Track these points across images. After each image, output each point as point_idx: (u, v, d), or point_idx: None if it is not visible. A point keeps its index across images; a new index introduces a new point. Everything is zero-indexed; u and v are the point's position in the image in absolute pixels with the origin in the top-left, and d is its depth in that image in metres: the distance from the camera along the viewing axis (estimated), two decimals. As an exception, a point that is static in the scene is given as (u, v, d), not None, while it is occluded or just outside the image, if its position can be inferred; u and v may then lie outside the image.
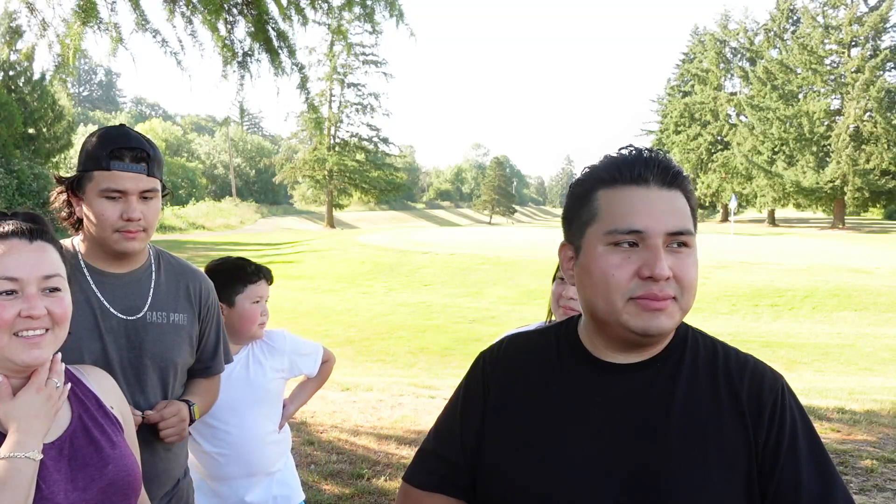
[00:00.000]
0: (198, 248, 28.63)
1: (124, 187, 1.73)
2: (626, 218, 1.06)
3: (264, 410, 2.40)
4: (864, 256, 20.93)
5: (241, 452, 2.35)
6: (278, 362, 2.44)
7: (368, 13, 5.34)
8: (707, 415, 1.08)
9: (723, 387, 1.10)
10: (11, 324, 1.24)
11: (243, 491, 2.38)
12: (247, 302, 2.35)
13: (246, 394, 2.35)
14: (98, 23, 4.44)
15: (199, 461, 2.42)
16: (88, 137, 1.81)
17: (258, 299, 2.36)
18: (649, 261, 1.04)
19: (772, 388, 1.10)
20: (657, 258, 1.03)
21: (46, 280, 1.29)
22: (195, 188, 59.03)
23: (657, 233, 1.04)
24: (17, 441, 1.20)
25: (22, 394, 1.25)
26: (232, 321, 2.34)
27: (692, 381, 1.10)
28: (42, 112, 32.80)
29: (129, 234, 1.76)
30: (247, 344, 2.42)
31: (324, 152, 51.78)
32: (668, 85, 63.00)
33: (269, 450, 2.42)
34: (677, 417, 1.07)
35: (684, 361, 1.12)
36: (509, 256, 21.27)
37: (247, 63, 5.20)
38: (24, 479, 1.18)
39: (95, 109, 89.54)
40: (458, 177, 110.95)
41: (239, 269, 2.38)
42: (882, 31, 42.94)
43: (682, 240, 1.07)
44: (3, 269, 1.24)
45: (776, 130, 43.91)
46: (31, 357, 1.27)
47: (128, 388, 1.80)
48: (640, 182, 1.07)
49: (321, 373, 2.62)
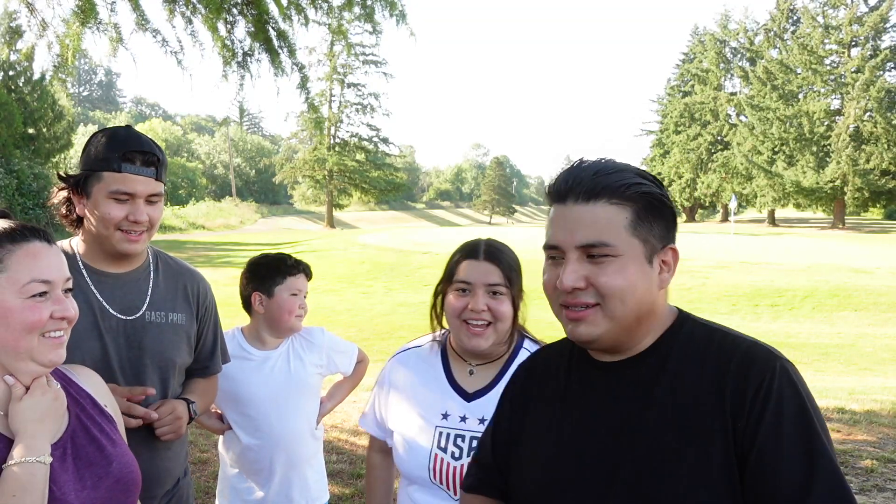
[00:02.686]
0: (198, 248, 28.63)
1: (134, 190, 1.74)
2: (548, 234, 1.18)
3: (303, 405, 2.45)
4: (864, 256, 20.92)
5: (280, 445, 2.39)
6: (317, 357, 2.50)
7: (368, 13, 5.34)
8: (688, 404, 1.10)
9: (709, 375, 1.11)
10: (45, 325, 1.26)
11: (279, 485, 2.40)
12: (285, 293, 2.40)
13: (286, 387, 2.40)
14: (97, 23, 4.44)
15: (236, 455, 2.45)
16: (95, 137, 1.81)
17: (297, 292, 2.42)
18: (560, 273, 1.14)
19: (761, 370, 1.08)
20: (563, 270, 1.13)
21: (67, 282, 1.32)
22: (195, 188, 59.05)
23: (568, 246, 1.13)
24: (27, 446, 1.21)
25: (27, 398, 1.25)
26: (270, 312, 2.40)
27: (678, 372, 1.14)
28: (42, 112, 32.76)
29: (133, 237, 1.77)
30: (287, 338, 2.47)
31: (324, 152, 51.78)
32: (668, 85, 62.99)
33: (306, 444, 2.46)
34: (657, 410, 1.12)
35: (671, 354, 1.16)
36: (509, 256, 21.23)
37: (247, 63, 5.20)
38: (39, 483, 1.19)
39: (95, 109, 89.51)
40: (458, 177, 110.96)
41: (279, 262, 2.45)
42: (882, 31, 42.94)
43: (594, 252, 1.12)
44: (39, 272, 1.25)
45: (776, 130, 43.89)
46: (57, 357, 1.29)
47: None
48: (559, 200, 1.16)
49: (356, 372, 2.69)
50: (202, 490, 4.02)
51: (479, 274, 1.65)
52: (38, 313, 1.24)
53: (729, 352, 1.12)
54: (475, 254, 1.68)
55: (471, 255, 1.68)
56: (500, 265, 1.67)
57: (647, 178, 1.15)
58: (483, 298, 1.64)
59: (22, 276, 1.23)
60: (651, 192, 1.13)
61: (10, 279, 1.21)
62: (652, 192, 1.13)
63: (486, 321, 1.65)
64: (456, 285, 1.67)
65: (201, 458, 4.61)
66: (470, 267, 1.66)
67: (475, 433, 1.68)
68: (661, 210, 1.14)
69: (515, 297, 1.69)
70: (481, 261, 1.66)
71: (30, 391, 1.26)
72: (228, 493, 2.50)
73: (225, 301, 2.50)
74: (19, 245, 1.24)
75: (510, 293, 1.67)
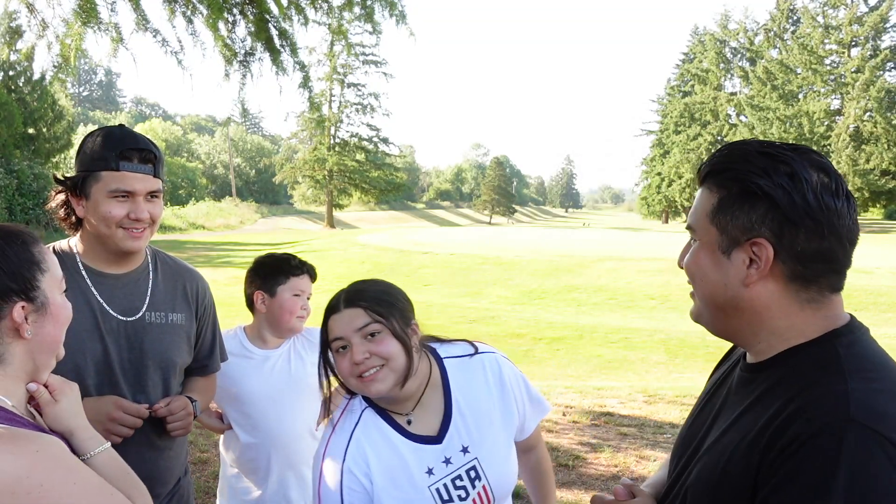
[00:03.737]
0: (198, 248, 28.64)
1: (133, 188, 1.74)
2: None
3: (302, 405, 2.43)
4: (864, 256, 20.86)
5: (278, 444, 2.38)
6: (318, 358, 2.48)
7: (368, 13, 5.34)
8: (746, 441, 1.02)
9: (769, 415, 1.01)
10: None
11: (276, 484, 2.40)
12: (287, 293, 2.39)
13: (287, 386, 2.40)
14: (98, 23, 4.44)
15: (235, 454, 2.45)
16: (89, 138, 1.80)
17: (299, 293, 2.41)
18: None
19: (809, 423, 0.93)
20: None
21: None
22: (195, 188, 59.03)
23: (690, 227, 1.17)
24: (91, 437, 1.28)
25: (63, 399, 1.30)
26: (272, 311, 2.39)
27: (771, 399, 1.04)
28: (42, 112, 32.77)
29: (135, 234, 1.77)
30: (288, 338, 2.47)
31: (324, 152, 51.80)
32: (668, 85, 63.02)
33: (304, 444, 2.44)
34: (734, 432, 1.07)
35: (783, 374, 1.07)
36: (509, 256, 21.28)
37: (248, 62, 5.20)
38: (121, 461, 1.28)
39: (95, 109, 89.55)
40: (458, 177, 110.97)
41: (283, 262, 2.44)
42: (882, 31, 42.96)
43: (691, 235, 1.13)
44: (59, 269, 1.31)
45: (776, 130, 43.90)
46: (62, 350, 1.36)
47: (129, 389, 1.81)
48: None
49: None
50: (202, 490, 4.03)
51: (344, 324, 1.54)
52: (69, 308, 1.30)
53: (798, 390, 0.97)
54: (335, 308, 1.57)
55: (333, 311, 1.57)
56: (362, 305, 1.54)
57: (774, 164, 1.00)
58: (361, 347, 1.52)
59: (57, 273, 1.28)
60: (745, 178, 1.01)
61: (53, 277, 1.26)
62: (746, 179, 1.01)
63: (377, 366, 1.52)
64: (334, 346, 1.56)
65: (201, 457, 4.61)
66: (335, 321, 1.56)
67: (467, 465, 1.60)
68: (754, 199, 1.00)
69: (398, 330, 1.54)
70: (342, 311, 1.55)
71: (57, 393, 1.30)
72: (227, 492, 2.50)
73: (225, 301, 2.50)
74: (41, 243, 1.29)
75: (388, 328, 1.53)
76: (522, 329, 11.97)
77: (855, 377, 0.93)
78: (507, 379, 1.68)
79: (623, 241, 29.31)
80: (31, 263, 1.21)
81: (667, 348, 10.27)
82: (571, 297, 16.13)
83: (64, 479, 1.06)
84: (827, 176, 0.99)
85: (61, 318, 1.26)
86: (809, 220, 0.97)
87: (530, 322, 12.78)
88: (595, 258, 20.60)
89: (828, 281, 1.01)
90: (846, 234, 0.99)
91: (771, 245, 0.99)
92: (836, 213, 0.97)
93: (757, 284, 1.02)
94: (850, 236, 0.99)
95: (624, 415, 5.81)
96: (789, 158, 0.99)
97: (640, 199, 70.11)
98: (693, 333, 11.13)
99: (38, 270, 1.22)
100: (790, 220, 0.97)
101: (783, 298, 1.02)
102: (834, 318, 1.02)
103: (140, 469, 1.34)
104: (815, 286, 1.01)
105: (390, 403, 1.61)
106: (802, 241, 0.98)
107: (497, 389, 1.66)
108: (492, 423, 1.64)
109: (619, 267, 19.00)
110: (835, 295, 1.03)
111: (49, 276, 1.24)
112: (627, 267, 18.92)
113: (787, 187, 0.97)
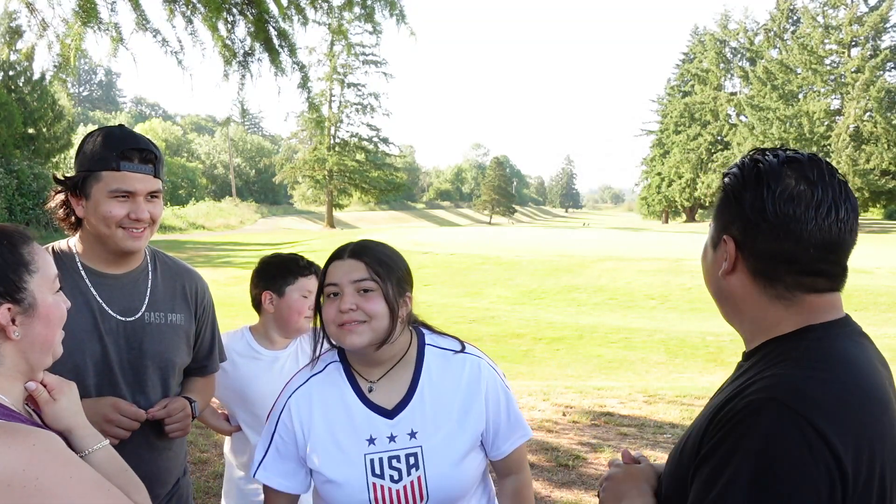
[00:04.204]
0: (198, 248, 28.64)
1: (134, 188, 1.74)
2: None
3: None
4: (864, 256, 20.89)
5: None
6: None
7: (368, 13, 5.34)
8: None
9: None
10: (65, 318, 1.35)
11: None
12: (296, 293, 2.38)
13: None
14: (98, 23, 4.43)
15: (245, 457, 2.43)
16: (88, 138, 1.80)
17: (307, 293, 2.38)
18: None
19: (742, 409, 1.03)
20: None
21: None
22: (195, 188, 59.04)
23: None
24: (90, 434, 1.28)
25: (62, 398, 1.30)
26: (280, 311, 2.38)
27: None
28: (42, 112, 32.77)
29: (135, 234, 1.77)
30: (295, 338, 2.46)
31: (324, 152, 51.80)
32: (668, 85, 63.04)
33: None
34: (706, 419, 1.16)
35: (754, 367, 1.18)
36: (509, 256, 21.29)
37: (247, 63, 5.19)
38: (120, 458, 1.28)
39: (95, 109, 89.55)
40: (458, 177, 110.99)
41: (291, 262, 2.43)
42: (882, 31, 42.97)
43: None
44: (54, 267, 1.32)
45: (776, 130, 43.92)
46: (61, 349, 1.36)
47: (128, 389, 1.81)
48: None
49: None
50: (202, 490, 4.03)
51: (343, 273, 1.58)
52: (62, 307, 1.30)
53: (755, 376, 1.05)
54: (340, 254, 1.62)
55: (336, 257, 1.63)
56: (365, 260, 1.58)
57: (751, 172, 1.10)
58: (351, 298, 1.55)
59: (49, 274, 1.28)
60: (730, 183, 1.14)
61: (43, 277, 1.26)
62: (730, 184, 1.14)
63: (359, 320, 1.55)
64: (326, 290, 1.60)
65: (201, 458, 4.61)
66: (335, 268, 1.60)
67: (409, 449, 1.59)
68: (732, 202, 1.13)
69: (390, 293, 1.57)
70: (345, 260, 1.60)
71: (56, 392, 1.31)
72: (235, 494, 2.48)
73: (225, 301, 2.50)
74: (34, 244, 1.30)
75: (381, 289, 1.56)
76: (522, 329, 11.96)
77: (802, 366, 1.02)
78: (483, 385, 1.64)
79: (623, 241, 29.31)
80: (18, 265, 1.22)
81: (667, 348, 10.26)
82: (571, 297, 16.13)
83: (60, 473, 1.07)
84: (810, 186, 1.06)
85: (52, 319, 1.26)
86: (765, 223, 1.06)
87: (530, 322, 12.77)
88: (595, 258, 20.61)
89: (794, 280, 1.08)
90: (810, 238, 1.05)
91: (735, 243, 1.12)
92: (795, 219, 1.04)
93: (731, 276, 1.14)
94: (815, 241, 1.05)
95: (624, 415, 5.81)
96: (768, 168, 1.09)
97: (640, 199, 70.13)
98: (693, 333, 11.13)
99: (25, 272, 1.22)
100: (751, 223, 1.08)
101: (753, 292, 1.12)
102: (811, 316, 1.09)
103: (138, 469, 1.34)
104: (780, 284, 1.09)
105: (360, 365, 1.64)
106: (760, 242, 1.08)
107: (467, 390, 1.63)
108: (450, 419, 1.61)
109: (619, 267, 19.01)
110: (811, 295, 1.09)
111: (39, 276, 1.24)
112: (627, 267, 18.93)
113: (753, 194, 1.08)
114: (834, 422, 0.93)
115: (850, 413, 0.96)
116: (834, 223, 1.05)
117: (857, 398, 0.98)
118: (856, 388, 0.99)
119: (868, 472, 0.94)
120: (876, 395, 1.01)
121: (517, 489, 1.75)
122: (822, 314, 1.09)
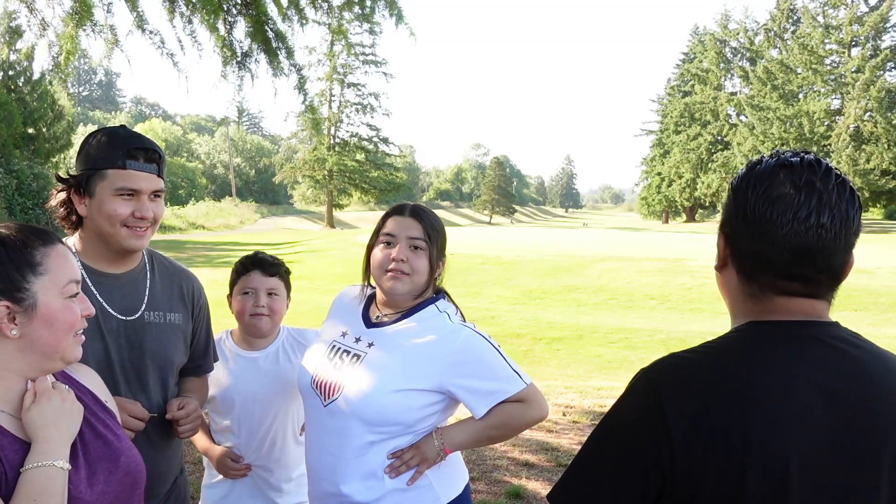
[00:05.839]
0: (198, 248, 28.65)
1: (139, 186, 1.76)
2: None
3: (287, 406, 2.38)
4: (864, 256, 20.81)
5: (263, 445, 2.34)
6: None
7: (368, 13, 5.33)
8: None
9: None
10: (79, 323, 1.33)
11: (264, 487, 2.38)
12: (238, 294, 2.36)
13: (273, 386, 2.35)
14: (93, 25, 4.41)
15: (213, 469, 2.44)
16: (91, 138, 1.81)
17: (248, 290, 2.34)
18: None
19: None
20: None
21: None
22: (195, 188, 59.05)
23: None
24: (42, 451, 1.23)
25: (34, 406, 1.28)
26: (236, 315, 2.38)
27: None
28: (42, 112, 32.73)
29: (138, 232, 1.78)
30: (276, 339, 2.44)
31: (324, 152, 51.80)
32: (668, 85, 63.06)
33: (290, 449, 2.39)
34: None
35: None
36: (509, 256, 21.28)
37: (246, 63, 5.19)
38: (58, 486, 1.21)
39: (95, 109, 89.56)
40: (458, 177, 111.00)
41: (237, 263, 2.42)
42: (882, 30, 42.97)
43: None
44: (72, 272, 1.32)
45: (776, 130, 43.93)
46: (80, 353, 1.35)
47: (128, 388, 1.82)
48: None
49: None
50: (199, 489, 4.02)
51: (401, 227, 1.84)
52: (75, 313, 1.30)
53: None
54: (402, 211, 1.88)
55: (398, 213, 1.88)
56: (422, 222, 1.85)
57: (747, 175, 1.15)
58: (404, 250, 1.81)
59: (61, 278, 1.28)
60: (732, 179, 1.19)
61: (52, 281, 1.26)
62: (731, 179, 1.19)
63: (405, 271, 1.81)
64: (381, 238, 1.85)
65: (198, 457, 4.60)
66: (394, 222, 1.86)
67: (359, 352, 1.83)
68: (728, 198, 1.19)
69: (433, 256, 1.85)
70: (406, 217, 1.86)
71: (37, 398, 1.29)
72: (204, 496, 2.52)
73: (224, 301, 2.49)
74: (51, 247, 1.29)
75: (429, 250, 1.83)
76: (522, 329, 11.96)
77: (693, 350, 1.15)
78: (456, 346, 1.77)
79: (623, 241, 29.30)
80: (23, 265, 1.22)
81: (667, 348, 10.26)
82: (571, 297, 16.11)
83: None
84: (795, 190, 1.06)
85: (57, 322, 1.26)
86: (744, 223, 1.11)
87: (530, 322, 12.77)
88: (595, 258, 20.60)
89: (768, 281, 1.11)
90: (784, 241, 1.06)
91: (725, 238, 1.17)
92: (771, 221, 1.07)
93: (724, 271, 1.19)
94: (791, 245, 1.06)
95: (624, 415, 5.80)
96: (763, 169, 1.12)
97: (640, 199, 70.15)
98: (693, 333, 11.12)
99: (30, 272, 1.22)
100: (735, 221, 1.14)
101: (737, 287, 1.17)
102: (767, 315, 1.13)
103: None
104: (756, 284, 1.13)
105: (383, 305, 1.90)
106: (740, 241, 1.13)
107: (433, 346, 1.78)
108: (403, 357, 1.78)
109: (619, 267, 19.00)
110: (781, 298, 1.11)
111: (47, 279, 1.25)
112: (627, 267, 18.92)
113: (742, 193, 1.12)
114: (675, 392, 1.07)
115: (696, 391, 1.06)
116: (813, 229, 1.05)
117: (718, 384, 1.06)
118: (722, 376, 1.07)
119: (721, 448, 1.01)
120: (767, 388, 1.04)
121: (506, 410, 1.79)
122: (785, 317, 1.11)
